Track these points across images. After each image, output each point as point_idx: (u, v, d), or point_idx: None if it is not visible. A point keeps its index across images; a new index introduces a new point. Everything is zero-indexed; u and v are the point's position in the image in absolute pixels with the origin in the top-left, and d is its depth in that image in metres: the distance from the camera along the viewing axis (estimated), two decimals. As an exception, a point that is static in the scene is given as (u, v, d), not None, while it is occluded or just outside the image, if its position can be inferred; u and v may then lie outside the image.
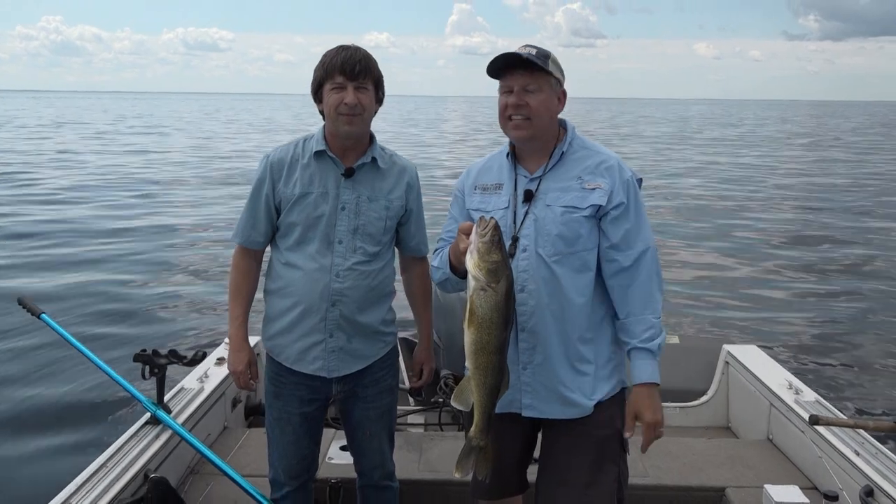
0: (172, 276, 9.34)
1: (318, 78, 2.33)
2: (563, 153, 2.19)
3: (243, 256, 2.49)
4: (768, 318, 8.25)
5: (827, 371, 6.61)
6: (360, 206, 2.36)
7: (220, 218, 13.38)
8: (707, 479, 3.14)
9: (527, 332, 2.14)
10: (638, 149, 32.35)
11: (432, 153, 29.28)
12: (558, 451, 2.21)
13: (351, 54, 2.30)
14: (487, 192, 2.25)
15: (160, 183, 19.03)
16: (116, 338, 6.75)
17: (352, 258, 2.35)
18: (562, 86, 2.20)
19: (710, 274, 10.18)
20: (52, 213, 13.81)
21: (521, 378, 2.16)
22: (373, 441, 2.54)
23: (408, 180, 2.45)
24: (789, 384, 3.61)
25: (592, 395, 2.18)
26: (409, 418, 3.96)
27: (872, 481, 2.71)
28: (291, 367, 2.42)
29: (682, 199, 17.20)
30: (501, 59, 2.12)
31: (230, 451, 3.30)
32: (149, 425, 2.97)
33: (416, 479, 3.05)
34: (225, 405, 3.60)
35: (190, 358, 2.98)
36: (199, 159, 26.00)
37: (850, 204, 16.95)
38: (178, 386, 3.42)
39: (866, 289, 9.51)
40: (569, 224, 2.11)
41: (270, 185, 2.38)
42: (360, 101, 2.29)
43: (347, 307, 2.36)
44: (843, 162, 28.54)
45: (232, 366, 2.51)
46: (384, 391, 2.51)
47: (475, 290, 1.87)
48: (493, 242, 1.87)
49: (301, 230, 2.36)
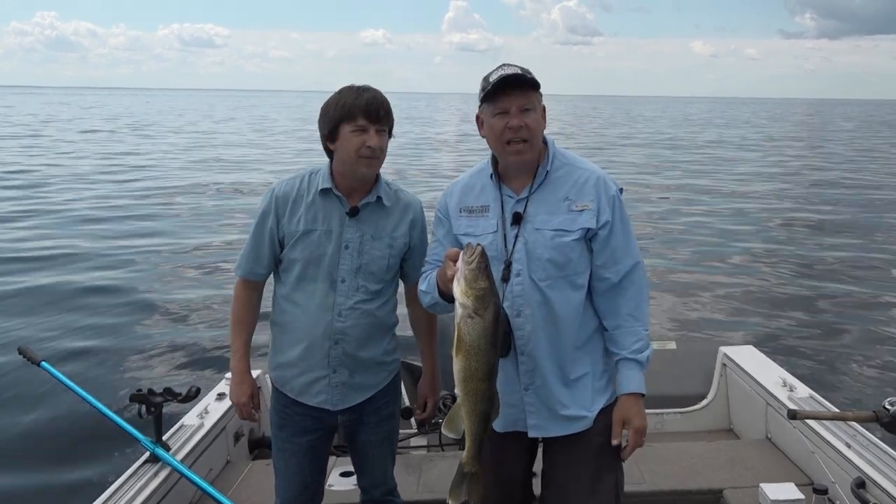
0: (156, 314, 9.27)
1: (335, 118, 2.28)
2: (548, 172, 2.18)
3: (245, 288, 2.49)
4: (764, 317, 8.28)
5: (826, 365, 6.65)
6: (364, 246, 2.36)
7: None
8: (704, 482, 3.15)
9: (526, 356, 2.15)
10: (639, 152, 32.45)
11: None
12: (560, 463, 2.24)
13: (374, 96, 2.29)
14: (474, 214, 2.22)
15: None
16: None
17: (354, 297, 2.35)
18: (542, 100, 2.18)
19: (704, 277, 10.21)
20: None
21: (524, 399, 2.18)
22: (375, 462, 2.57)
23: (412, 217, 2.44)
24: (783, 381, 3.63)
25: (592, 407, 2.19)
26: (411, 441, 3.96)
27: (864, 473, 2.73)
28: (296, 398, 2.44)
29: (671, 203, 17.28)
30: (505, 79, 2.08)
31: (232, 486, 3.30)
32: (148, 464, 2.98)
33: (416, 500, 3.05)
34: (227, 439, 3.60)
35: (185, 395, 3.00)
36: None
37: (847, 199, 17.08)
38: (178, 423, 3.42)
39: (862, 283, 9.57)
40: (559, 248, 2.11)
41: (275, 220, 2.38)
42: (380, 145, 2.30)
43: (350, 345, 2.37)
44: (840, 155, 28.72)
45: (235, 397, 2.53)
46: (386, 418, 2.54)
47: (463, 317, 1.86)
48: (481, 269, 1.86)
49: (302, 266, 2.36)
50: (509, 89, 2.09)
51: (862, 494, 2.63)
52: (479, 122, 2.20)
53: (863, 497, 2.62)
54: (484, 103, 2.15)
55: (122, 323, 8.69)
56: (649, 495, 3.08)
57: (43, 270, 10.65)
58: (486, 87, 2.12)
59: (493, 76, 2.11)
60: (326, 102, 2.34)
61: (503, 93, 2.09)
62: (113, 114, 62.36)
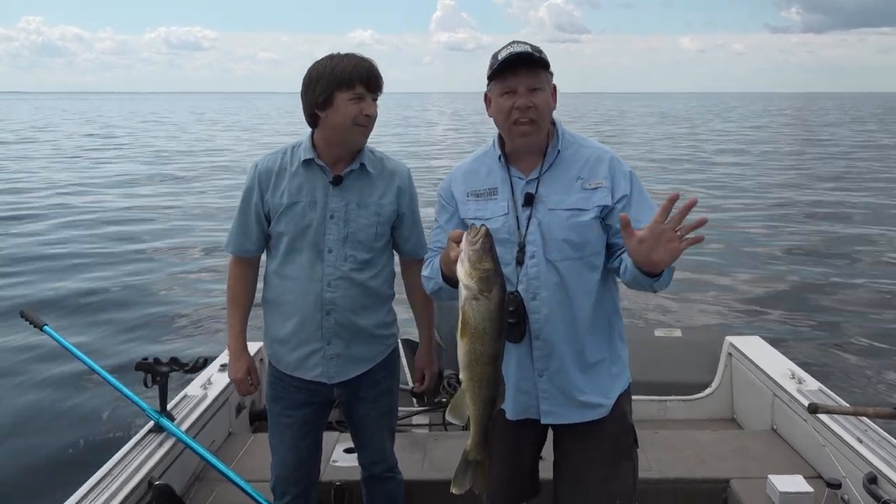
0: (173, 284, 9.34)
1: (330, 85, 2.23)
2: (559, 151, 2.12)
3: (238, 265, 2.50)
4: (771, 307, 8.25)
5: (831, 359, 6.61)
6: (350, 214, 2.34)
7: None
8: (711, 471, 3.14)
9: (541, 340, 2.09)
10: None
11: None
12: (575, 452, 2.18)
13: (370, 65, 2.27)
14: (482, 198, 2.15)
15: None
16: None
17: (343, 266, 2.34)
18: (552, 79, 2.11)
19: (711, 264, 10.17)
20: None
21: (537, 385, 2.13)
22: (374, 439, 2.56)
23: (399, 184, 2.41)
24: (792, 373, 3.61)
25: (609, 394, 2.15)
26: (414, 419, 3.96)
27: (876, 468, 2.71)
28: (292, 374, 2.44)
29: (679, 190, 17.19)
30: (513, 57, 2.01)
31: (235, 457, 3.31)
32: (152, 433, 2.99)
33: (422, 479, 3.06)
34: (229, 411, 3.61)
35: (191, 365, 2.99)
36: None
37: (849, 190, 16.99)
38: (181, 393, 3.43)
39: (870, 274, 9.52)
40: (576, 228, 2.05)
41: (259, 195, 2.38)
42: (376, 112, 2.30)
43: (341, 315, 2.35)
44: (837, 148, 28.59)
45: (232, 374, 2.54)
46: (384, 393, 2.52)
47: (467, 299, 1.81)
48: (485, 250, 1.80)
49: (289, 240, 2.35)
50: (518, 68, 2.01)
51: (874, 490, 2.61)
52: (487, 101, 2.14)
53: (875, 493, 2.59)
54: (492, 82, 2.08)
55: (130, 289, 8.75)
56: (656, 482, 3.07)
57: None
58: (494, 64, 2.05)
59: (502, 53, 2.04)
60: (316, 70, 2.27)
61: (511, 71, 2.02)
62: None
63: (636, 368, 2.28)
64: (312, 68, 2.30)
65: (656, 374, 4.04)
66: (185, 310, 8.06)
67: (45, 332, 3.10)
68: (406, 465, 2.75)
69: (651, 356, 4.12)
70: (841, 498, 2.80)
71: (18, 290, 8.67)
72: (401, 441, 2.68)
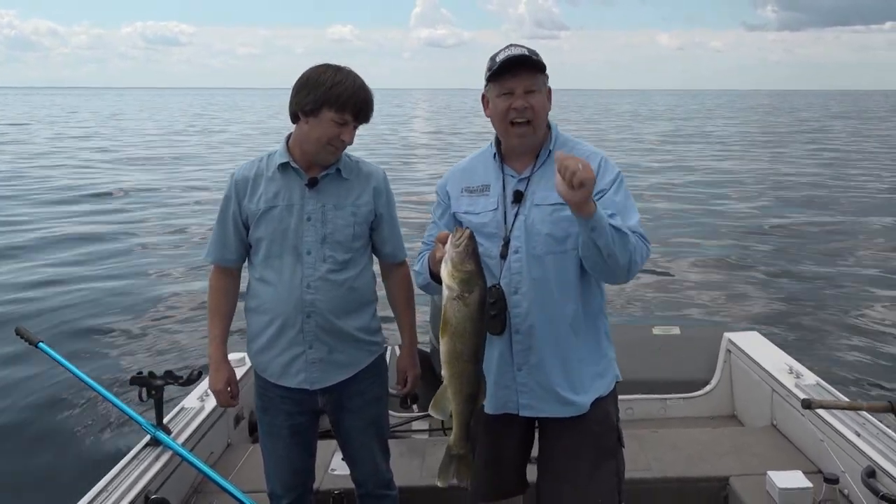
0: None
1: (321, 100, 2.24)
2: (550, 151, 2.16)
3: (218, 275, 2.51)
4: (768, 302, 8.25)
5: (831, 353, 6.60)
6: (326, 215, 2.35)
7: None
8: (711, 469, 3.13)
9: (521, 335, 2.13)
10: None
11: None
12: (557, 450, 2.22)
13: (367, 97, 2.29)
14: (474, 194, 2.22)
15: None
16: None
17: (322, 267, 2.34)
18: (548, 82, 2.17)
19: (708, 260, 10.18)
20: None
21: (516, 379, 2.16)
22: (363, 451, 2.54)
23: (374, 185, 2.43)
24: (790, 368, 3.60)
25: (588, 392, 2.17)
26: (413, 425, 3.94)
27: (874, 462, 2.71)
28: (276, 382, 2.43)
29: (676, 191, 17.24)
30: (511, 60, 2.07)
31: (234, 469, 3.29)
32: (149, 447, 2.97)
33: (419, 485, 3.04)
34: (227, 422, 3.59)
35: (186, 378, 2.98)
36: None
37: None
38: (178, 406, 3.41)
39: (867, 267, 9.54)
40: (558, 222, 2.09)
41: (236, 203, 2.39)
42: (352, 140, 2.32)
43: (322, 317, 2.35)
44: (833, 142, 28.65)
45: (211, 385, 2.54)
46: (370, 401, 2.51)
47: (449, 299, 1.86)
48: (468, 252, 1.86)
49: (267, 244, 2.36)
50: (515, 70, 2.08)
51: (872, 484, 2.61)
52: (485, 101, 2.20)
53: (873, 486, 2.59)
54: (489, 83, 2.14)
55: (123, 304, 8.67)
56: (656, 482, 3.07)
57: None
58: (492, 66, 2.11)
59: (500, 56, 2.10)
60: (317, 77, 2.27)
61: (509, 73, 2.09)
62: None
63: (635, 367, 2.28)
64: (314, 72, 2.29)
65: (655, 373, 4.03)
66: (176, 324, 8.02)
67: (40, 348, 3.09)
68: (405, 472, 2.73)
69: (650, 354, 4.12)
70: (840, 492, 2.79)
71: (9, 308, 8.60)
72: (400, 448, 2.66)
